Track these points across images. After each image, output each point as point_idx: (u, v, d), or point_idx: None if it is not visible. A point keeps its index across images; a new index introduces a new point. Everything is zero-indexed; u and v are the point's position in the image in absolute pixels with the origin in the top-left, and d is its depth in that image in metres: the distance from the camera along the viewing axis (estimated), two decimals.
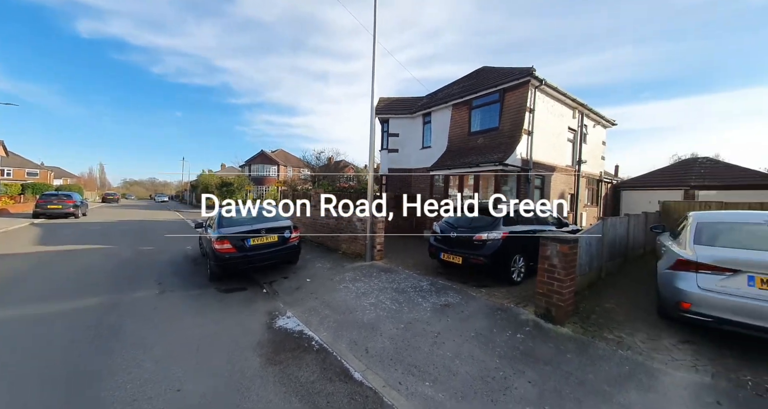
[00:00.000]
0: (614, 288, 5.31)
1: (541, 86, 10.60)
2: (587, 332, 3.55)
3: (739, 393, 2.43)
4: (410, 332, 3.60)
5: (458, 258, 5.71)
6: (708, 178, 14.33)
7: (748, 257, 3.13)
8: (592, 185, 14.98)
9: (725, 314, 3.05)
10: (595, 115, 14.07)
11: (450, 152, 12.71)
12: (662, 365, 2.87)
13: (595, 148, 14.83)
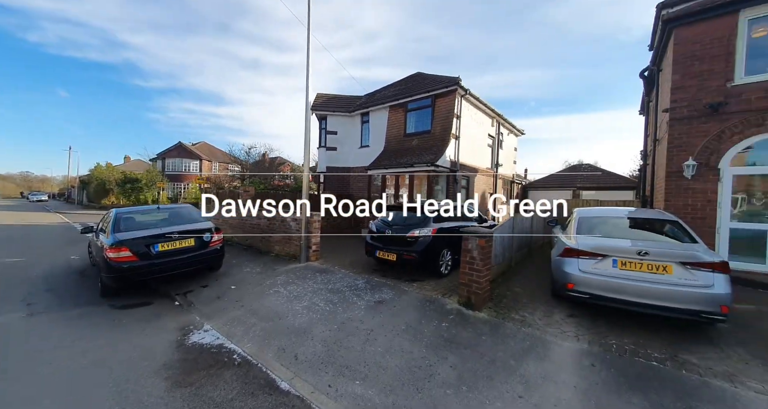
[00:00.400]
0: (521, 275, 6.17)
1: (466, 95, 11.63)
2: (499, 315, 4.04)
3: (607, 355, 3.06)
4: (343, 332, 3.58)
5: (392, 255, 5.90)
6: (589, 180, 17.72)
7: (613, 244, 3.96)
8: (506, 186, 17.13)
9: (597, 291, 3.80)
10: (509, 124, 16.09)
11: (387, 152, 13.03)
12: (554, 337, 3.44)
13: (509, 154, 16.98)
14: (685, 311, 3.34)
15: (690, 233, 3.99)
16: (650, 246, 3.69)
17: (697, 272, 3.38)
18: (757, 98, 5.69)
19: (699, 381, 2.61)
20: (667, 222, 4.30)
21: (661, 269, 3.53)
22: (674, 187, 6.46)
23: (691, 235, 3.97)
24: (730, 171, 5.99)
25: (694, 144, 6.25)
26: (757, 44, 5.80)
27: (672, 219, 4.31)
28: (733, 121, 5.89)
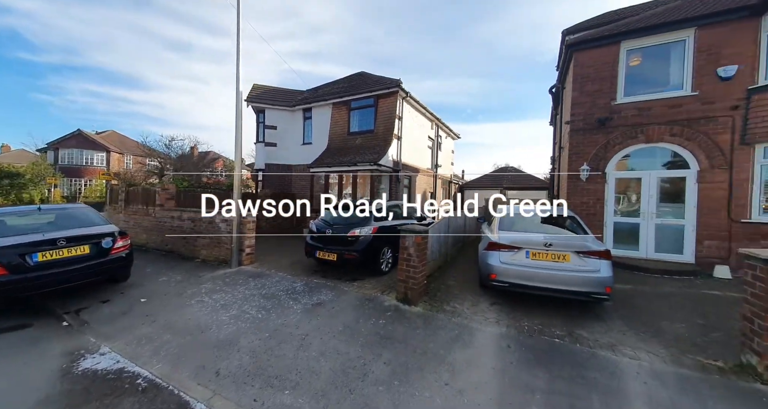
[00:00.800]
0: (455, 268, 6.62)
1: (408, 98, 12.02)
2: (433, 308, 4.26)
3: (521, 336, 3.45)
4: (275, 339, 3.36)
5: (333, 255, 5.77)
6: (513, 181, 19.95)
7: (526, 237, 4.48)
8: (445, 185, 18.27)
9: (514, 279, 4.27)
10: (447, 128, 17.17)
11: (330, 150, 12.76)
12: (479, 324, 3.76)
13: (447, 156, 18.15)
14: (580, 292, 3.94)
15: (583, 227, 4.73)
16: (554, 239, 4.27)
17: (588, 260, 4.02)
18: (632, 115, 7.03)
19: (589, 353, 3.10)
20: (567, 218, 5.04)
21: (561, 257, 4.11)
22: (573, 187, 7.63)
23: (584, 228, 4.71)
24: (614, 175, 7.31)
25: (588, 152, 7.47)
26: (633, 71, 7.17)
27: (569, 215, 5.06)
28: (615, 133, 7.19)
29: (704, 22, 6.32)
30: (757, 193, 5.94)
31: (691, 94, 6.46)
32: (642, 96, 6.95)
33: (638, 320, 3.89)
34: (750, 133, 5.97)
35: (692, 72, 6.48)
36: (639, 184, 7.06)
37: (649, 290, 5.07)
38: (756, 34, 5.96)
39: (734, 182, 6.10)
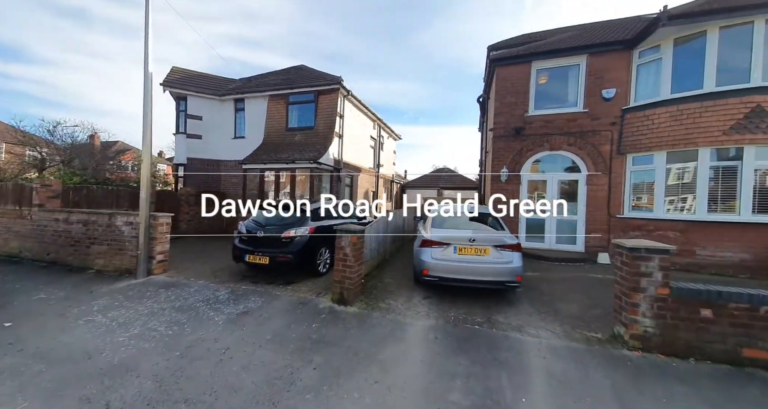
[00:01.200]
0: (393, 266, 6.80)
1: (349, 96, 11.92)
2: (369, 306, 4.29)
3: (447, 327, 3.69)
4: (188, 358, 2.98)
5: (265, 258, 5.40)
6: (449, 182, 21.45)
7: (453, 234, 4.83)
8: (387, 185, 18.72)
9: (444, 274, 4.56)
10: (389, 129, 17.58)
11: (267, 146, 11.94)
12: (411, 319, 3.91)
13: (389, 156, 18.61)
14: (497, 282, 4.41)
15: (501, 224, 5.30)
16: (477, 234, 4.69)
17: (503, 252, 4.51)
18: (540, 126, 8.14)
19: (502, 335, 3.47)
20: (489, 215, 5.59)
21: (483, 251, 4.54)
22: (496, 188, 8.51)
23: (502, 224, 5.28)
24: (526, 177, 8.38)
25: (507, 157, 8.41)
26: (541, 88, 8.29)
27: (491, 213, 5.62)
28: (528, 141, 8.24)
29: (593, 50, 7.64)
30: (628, 193, 7.44)
31: (583, 110, 7.77)
32: (547, 110, 8.11)
33: (541, 303, 4.51)
34: (623, 145, 7.43)
35: (584, 92, 7.79)
36: (545, 186, 8.22)
37: (551, 276, 5.94)
38: (629, 64, 7.44)
39: (612, 185, 7.53)
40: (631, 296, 3.13)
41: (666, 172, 6.84)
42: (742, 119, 5.97)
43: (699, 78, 6.41)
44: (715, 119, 6.18)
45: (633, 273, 3.12)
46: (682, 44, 6.66)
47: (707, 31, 6.30)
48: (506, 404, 2.35)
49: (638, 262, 3.11)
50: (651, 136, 6.93)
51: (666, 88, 6.81)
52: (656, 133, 6.85)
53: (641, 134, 7.10)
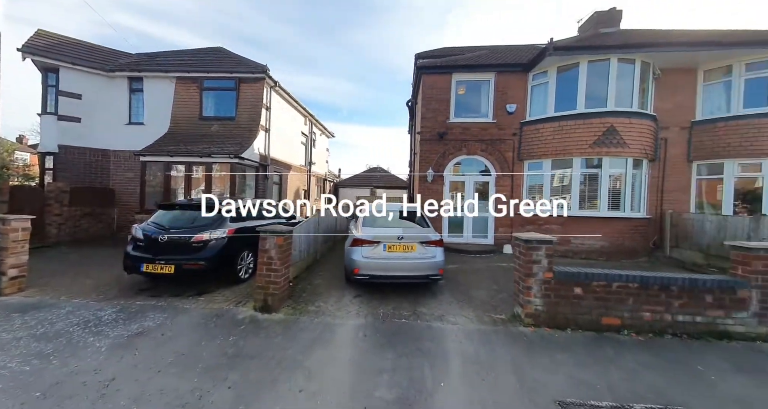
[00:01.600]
0: (324, 266, 6.64)
1: (277, 87, 11.15)
2: (297, 311, 4.09)
3: (376, 323, 3.77)
4: (55, 397, 2.35)
5: (170, 267, 4.64)
6: (382, 181, 22.05)
7: (383, 232, 4.96)
8: (320, 183, 18.20)
9: (374, 272, 4.66)
10: (321, 126, 17.10)
11: (174, 136, 10.30)
12: (341, 319, 3.87)
13: (322, 153, 18.12)
14: (422, 276, 4.71)
15: (427, 221, 5.68)
16: (405, 232, 4.92)
17: (428, 248, 4.83)
18: (459, 133, 8.99)
19: (426, 326, 3.71)
20: (416, 213, 5.92)
21: (410, 248, 4.78)
22: (423, 188, 9.10)
23: (427, 222, 5.66)
24: (449, 178, 9.17)
25: (432, 158, 9.06)
26: (460, 98, 9.15)
27: (419, 212, 5.98)
28: (449, 145, 9.02)
29: (500, 69, 8.78)
30: (525, 194, 8.80)
31: (492, 121, 8.88)
32: (465, 119, 9.02)
33: (459, 292, 5.00)
34: (522, 153, 8.76)
35: (493, 105, 8.91)
36: (464, 186, 9.14)
37: (467, 267, 6.64)
38: (526, 85, 8.79)
39: (514, 186, 8.81)
40: (526, 280, 3.71)
41: (551, 176, 8.33)
42: (602, 136, 7.67)
43: (574, 100, 7.99)
44: (584, 134, 7.79)
45: (527, 261, 3.70)
46: (562, 72, 8.19)
47: (580, 63, 7.88)
48: (428, 391, 2.52)
49: (531, 251, 3.70)
50: (541, 146, 8.35)
51: (551, 107, 8.29)
52: (544, 144, 8.28)
53: (534, 144, 8.49)
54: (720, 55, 7.68)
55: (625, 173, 7.83)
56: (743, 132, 7.58)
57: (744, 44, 7.35)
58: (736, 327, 3.37)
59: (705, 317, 3.42)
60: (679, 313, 3.46)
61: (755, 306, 3.34)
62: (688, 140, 8.39)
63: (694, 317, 3.45)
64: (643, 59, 7.81)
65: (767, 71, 7.45)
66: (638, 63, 7.80)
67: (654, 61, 7.98)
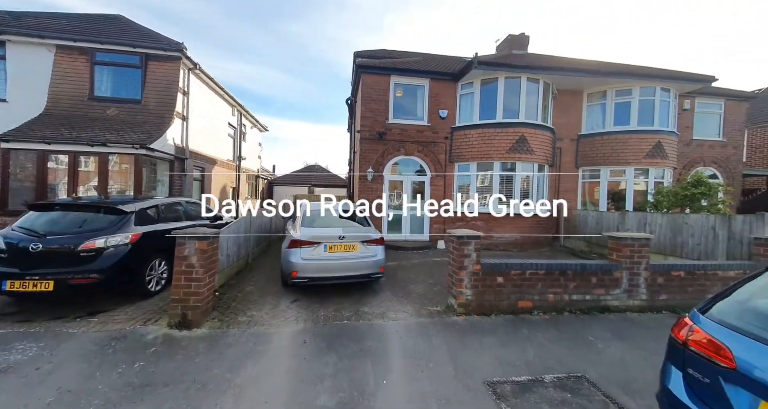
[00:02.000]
0: (257, 271, 6.13)
1: (196, 70, 9.81)
2: (224, 323, 3.67)
3: (316, 328, 3.63)
4: None
5: (47, 284, 3.68)
6: (321, 179, 21.42)
7: (324, 233, 4.81)
8: (251, 180, 16.72)
9: (313, 274, 4.48)
10: (253, 118, 15.70)
11: (53, 118, 8.24)
12: (277, 328, 3.61)
13: (253, 148, 16.65)
14: (364, 275, 4.72)
15: (367, 219, 5.71)
16: (346, 232, 4.86)
17: (369, 247, 4.87)
18: (398, 133, 9.29)
19: (368, 325, 3.73)
20: (357, 213, 5.90)
21: (351, 247, 4.74)
22: (363, 186, 9.14)
23: (368, 220, 5.70)
24: (388, 177, 9.40)
25: (372, 157, 9.17)
26: (398, 101, 9.44)
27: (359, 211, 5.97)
28: (388, 145, 9.25)
29: (433, 76, 9.35)
30: (456, 194, 9.58)
31: (427, 124, 9.42)
32: (403, 120, 9.36)
33: (398, 288, 5.18)
34: (453, 155, 9.51)
35: (428, 109, 9.45)
36: (402, 185, 9.49)
37: (405, 264, 6.93)
38: (456, 93, 9.55)
39: (446, 186, 9.52)
40: (458, 273, 4.04)
41: (476, 177, 9.25)
42: (515, 143, 8.82)
43: (494, 111, 9.01)
44: (502, 141, 8.85)
45: (460, 255, 4.03)
46: (485, 85, 9.15)
47: (498, 79, 8.92)
48: (370, 391, 2.53)
49: (463, 246, 4.04)
50: (468, 150, 9.20)
51: (476, 115, 9.20)
52: (471, 148, 9.15)
53: (462, 148, 9.31)
54: (598, 82, 9.57)
55: (532, 177, 9.17)
56: (613, 145, 9.63)
57: (613, 74, 9.30)
58: (613, 302, 4.26)
59: (592, 295, 4.24)
60: (573, 293, 4.21)
61: (625, 284, 4.27)
62: (576, 150, 10.26)
63: (584, 296, 4.24)
64: (545, 80, 9.25)
65: (629, 97, 9.59)
66: (541, 83, 9.20)
67: (553, 82, 9.52)
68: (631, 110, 9.56)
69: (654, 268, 4.36)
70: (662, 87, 9.48)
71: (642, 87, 9.46)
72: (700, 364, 1.53)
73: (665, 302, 4.37)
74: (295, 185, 20.71)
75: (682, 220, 6.36)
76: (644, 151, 9.41)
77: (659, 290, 4.37)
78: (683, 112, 10.61)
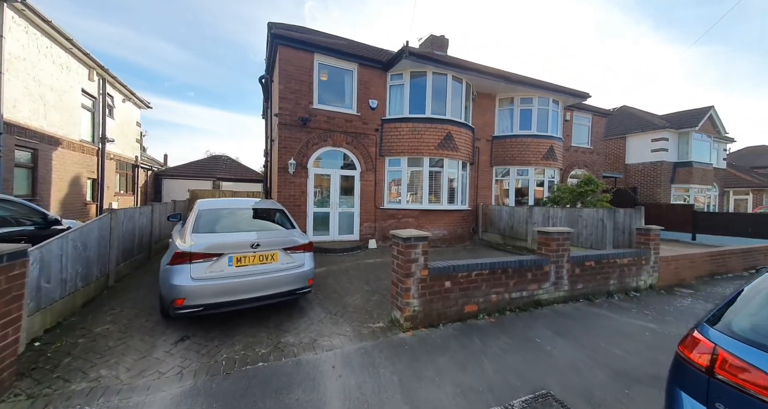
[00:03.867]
0: (123, 297, 4.33)
1: (20, 5, 6.67)
2: (40, 399, 2.19)
3: (213, 383, 2.49)
4: None
5: None
6: (229, 172, 18.30)
7: (230, 239, 3.57)
8: (125, 171, 12.90)
9: (212, 299, 3.23)
10: (126, 89, 12.05)
11: None
12: (146, 392, 2.34)
13: (127, 128, 12.84)
14: (288, 292, 3.68)
15: (291, 220, 4.62)
16: (262, 237, 3.73)
17: (295, 255, 3.86)
18: (324, 121, 8.25)
19: (294, 364, 2.79)
20: (276, 211, 4.74)
21: (270, 258, 3.65)
22: (283, 181, 7.81)
23: (291, 221, 4.61)
24: (313, 171, 8.29)
25: (294, 147, 7.90)
26: (324, 85, 8.39)
27: (279, 208, 4.82)
28: (313, 134, 8.13)
29: (362, 62, 8.62)
30: (386, 189, 9.15)
31: (356, 114, 8.67)
32: (330, 107, 8.36)
33: (331, 301, 4.33)
34: (383, 149, 9.02)
35: (357, 97, 8.69)
36: (329, 180, 8.53)
37: (336, 268, 6.10)
38: (385, 83, 9.05)
39: (377, 181, 9.00)
40: (405, 281, 3.46)
41: (407, 173, 9.02)
42: (443, 139, 8.90)
43: (423, 105, 8.89)
44: (431, 137, 8.81)
45: (406, 261, 3.45)
46: (415, 78, 8.93)
47: (427, 73, 8.81)
48: None
49: (410, 249, 3.47)
50: (399, 144, 8.87)
51: (407, 108, 8.93)
52: (402, 142, 8.85)
53: (394, 142, 8.92)
54: (509, 89, 10.49)
55: (457, 173, 9.47)
56: (520, 147, 10.76)
57: (521, 83, 10.28)
58: (543, 295, 4.39)
59: (527, 291, 4.27)
60: (513, 291, 4.16)
61: (553, 277, 4.45)
62: (490, 150, 11.13)
63: (521, 293, 4.23)
64: (467, 81, 9.62)
65: (530, 105, 10.84)
66: (464, 83, 9.54)
67: (473, 85, 10.00)
68: (532, 117, 10.85)
69: (573, 259, 4.68)
70: (553, 99, 11.05)
71: (540, 97, 10.82)
72: (743, 401, 1.24)
73: (581, 291, 4.76)
74: (195, 179, 17.16)
75: (577, 213, 7.37)
76: (542, 154, 10.81)
77: (577, 281, 4.72)
78: (565, 122, 12.71)
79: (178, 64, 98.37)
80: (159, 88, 79.48)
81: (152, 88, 78.57)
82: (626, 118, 17.06)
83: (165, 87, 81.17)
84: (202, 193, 11.33)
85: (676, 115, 16.58)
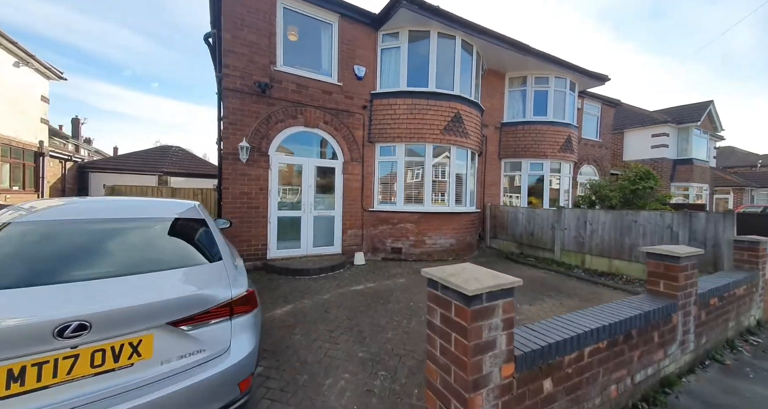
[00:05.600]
0: None
1: None
2: None
3: None
4: None
5: None
6: (180, 166, 15.26)
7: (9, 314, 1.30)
8: (23, 160, 9.72)
9: None
10: (21, 49, 8.90)
11: None
12: None
13: (24, 102, 9.60)
14: None
15: (216, 242, 2.36)
16: (110, 297, 1.48)
17: (204, 330, 1.66)
18: (293, 90, 5.94)
19: None
20: (188, 225, 2.46)
21: (125, 355, 1.43)
22: (231, 171, 5.43)
23: (217, 244, 2.36)
24: (277, 159, 5.97)
25: (249, 124, 5.53)
26: (292, 42, 6.08)
27: (195, 218, 2.54)
28: (277, 107, 5.79)
29: (344, 12, 6.39)
30: (377, 185, 7.02)
31: (338, 84, 6.45)
32: (301, 71, 6.07)
33: (296, 398, 2.16)
34: (372, 133, 6.87)
35: (337, 61, 6.46)
36: (300, 173, 6.24)
37: (309, 306, 3.90)
38: (375, 45, 6.89)
39: (366, 175, 6.84)
40: (470, 398, 1.38)
41: (405, 164, 6.95)
42: (450, 122, 6.91)
43: (425, 76, 6.84)
44: (436, 117, 6.79)
45: (476, 348, 1.38)
46: (414, 40, 6.84)
47: (431, 33, 6.76)
48: None
49: (481, 321, 1.41)
50: (394, 126, 6.76)
51: (404, 80, 6.82)
52: (398, 124, 6.75)
53: (387, 124, 6.80)
54: (520, 64, 8.63)
55: (466, 166, 7.53)
56: (533, 136, 9.04)
57: (537, 55, 8.24)
58: (670, 367, 2.55)
59: (653, 366, 2.41)
60: (638, 369, 2.26)
61: (680, 332, 2.61)
62: (499, 140, 9.34)
63: (646, 370, 2.34)
64: (478, 49, 7.67)
65: (546, 86, 9.13)
66: (475, 51, 7.61)
67: (483, 55, 8.08)
68: (548, 101, 9.16)
69: (702, 297, 2.86)
70: (571, 79, 9.43)
71: (556, 76, 9.14)
72: None
73: (704, 347, 2.96)
74: (136, 173, 14.01)
75: (630, 218, 5.67)
76: (559, 145, 9.18)
77: (702, 331, 2.92)
78: (577, 111, 11.24)
79: (137, 51, 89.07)
80: (116, 77, 71.39)
81: (109, 77, 70.30)
82: (623, 113, 16.12)
83: (122, 77, 72.87)
84: (126, 189, 8.53)
85: (676, 110, 15.83)
